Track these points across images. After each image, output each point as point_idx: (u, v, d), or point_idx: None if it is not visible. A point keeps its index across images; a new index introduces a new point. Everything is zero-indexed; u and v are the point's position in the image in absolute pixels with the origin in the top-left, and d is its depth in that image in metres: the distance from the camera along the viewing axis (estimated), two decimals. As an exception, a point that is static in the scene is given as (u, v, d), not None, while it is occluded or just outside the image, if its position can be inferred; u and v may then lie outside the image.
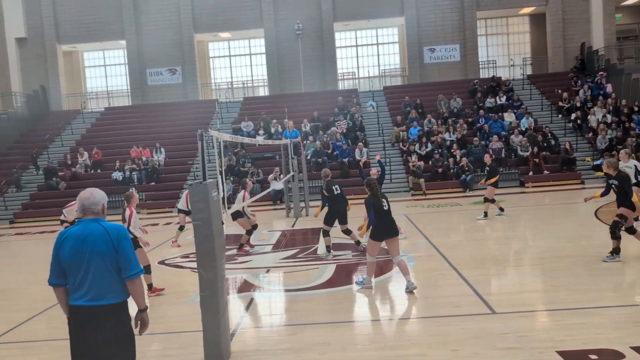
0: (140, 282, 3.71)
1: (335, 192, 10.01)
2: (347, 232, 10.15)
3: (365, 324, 6.51)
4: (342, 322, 6.52)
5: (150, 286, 8.11)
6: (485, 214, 13.33)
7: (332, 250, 10.03)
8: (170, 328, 6.66)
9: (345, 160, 21.19)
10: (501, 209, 13.69)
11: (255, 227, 11.50)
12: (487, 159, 13.97)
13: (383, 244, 7.59)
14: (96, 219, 3.70)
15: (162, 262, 10.75)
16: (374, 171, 11.33)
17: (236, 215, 11.10)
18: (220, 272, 5.40)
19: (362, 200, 7.99)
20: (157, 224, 17.20)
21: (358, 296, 7.68)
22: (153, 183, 21.90)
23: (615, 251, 8.20)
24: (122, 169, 22.11)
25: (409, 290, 7.33)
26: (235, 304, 7.46)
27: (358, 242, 10.15)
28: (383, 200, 7.53)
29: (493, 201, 13.44)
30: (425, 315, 6.59)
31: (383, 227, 7.44)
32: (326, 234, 9.99)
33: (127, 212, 8.11)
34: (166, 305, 7.70)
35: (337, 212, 9.98)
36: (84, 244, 3.58)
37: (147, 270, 7.93)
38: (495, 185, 13.49)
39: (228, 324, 5.58)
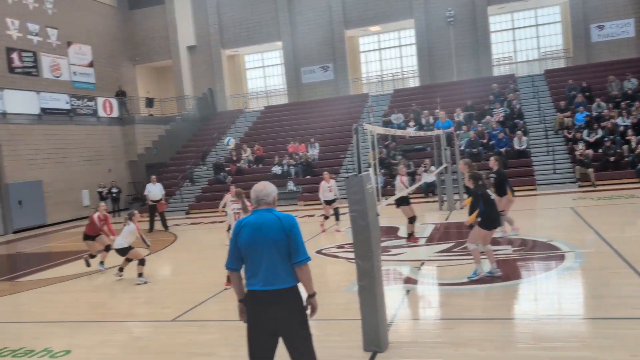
0: (307, 268, 3.93)
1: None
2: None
3: (528, 321, 6.15)
4: (503, 319, 6.25)
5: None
6: None
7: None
8: (330, 315, 6.92)
9: (503, 150, 20.18)
10: None
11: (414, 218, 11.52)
12: None
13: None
14: (269, 209, 4.00)
15: (319, 252, 11.21)
16: (492, 161, 11.03)
17: (401, 202, 11.27)
18: (376, 262, 5.49)
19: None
20: (312, 215, 17.93)
21: (519, 292, 7.31)
22: (308, 176, 22.84)
23: None
24: (281, 164, 23.39)
25: (492, 275, 7.77)
26: (390, 296, 7.51)
27: None
28: (488, 191, 7.93)
29: None
30: (596, 316, 6.06)
31: (494, 216, 7.78)
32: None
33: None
34: (325, 294, 8.00)
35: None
36: (259, 231, 3.87)
37: None
38: None
39: (385, 314, 5.66)
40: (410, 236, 11.42)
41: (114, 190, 25.11)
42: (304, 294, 3.98)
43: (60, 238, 18.61)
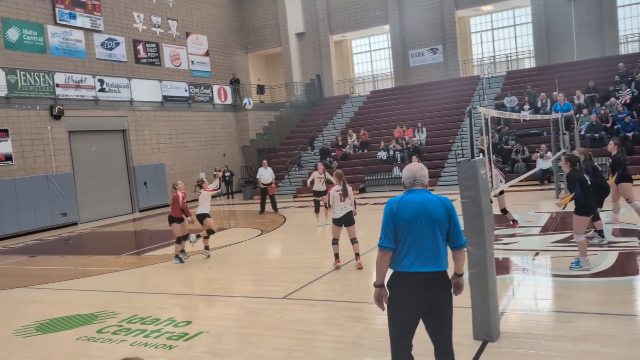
0: (465, 252, 3.97)
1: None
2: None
3: (657, 320, 5.70)
4: (626, 315, 5.82)
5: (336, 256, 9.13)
6: None
7: (605, 236, 9.06)
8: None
9: (630, 134, 18.59)
10: None
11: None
12: None
13: None
14: (426, 190, 3.91)
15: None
16: (611, 145, 10.35)
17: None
18: (489, 250, 5.32)
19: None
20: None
21: (647, 288, 6.77)
22: (415, 162, 22.53)
23: None
24: (387, 149, 23.26)
25: (580, 268, 7.43)
26: (503, 285, 7.25)
27: None
28: (586, 175, 7.60)
29: None
30: None
31: (590, 202, 7.48)
32: (595, 217, 9.00)
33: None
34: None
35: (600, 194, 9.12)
36: (424, 210, 3.76)
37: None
38: None
39: (497, 303, 5.49)
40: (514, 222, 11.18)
41: (227, 173, 26.40)
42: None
43: (179, 217, 19.97)
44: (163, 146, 24.91)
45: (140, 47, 25.80)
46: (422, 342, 4.16)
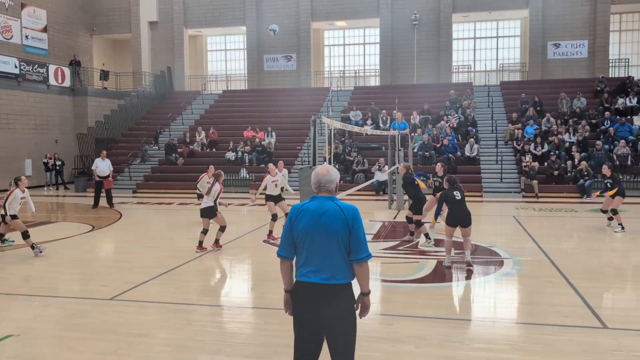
0: (367, 266, 3.67)
1: (416, 183, 10.94)
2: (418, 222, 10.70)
3: (464, 322, 6.35)
4: (439, 318, 6.40)
5: None
6: (622, 227, 12.11)
7: (431, 238, 10.47)
8: (271, 304, 6.91)
9: (452, 155, 20.66)
10: (610, 219, 12.62)
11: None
12: (605, 170, 12.67)
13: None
14: (331, 197, 3.66)
15: (265, 242, 11.19)
16: (439, 167, 12.31)
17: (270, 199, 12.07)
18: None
19: (470, 199, 8.01)
20: (263, 204, 17.82)
21: (458, 294, 7.53)
22: (263, 165, 22.69)
23: None
24: (235, 150, 23.15)
25: (466, 261, 8.59)
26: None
27: (427, 235, 10.58)
28: (456, 192, 8.60)
29: (616, 213, 12.33)
30: (528, 322, 6.31)
31: (456, 214, 8.63)
32: (419, 224, 10.54)
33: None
34: (268, 282, 8.00)
35: (423, 200, 10.83)
36: (320, 220, 3.55)
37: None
38: (622, 195, 12.33)
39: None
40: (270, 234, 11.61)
41: (58, 162, 24.23)
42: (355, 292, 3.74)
43: (-3, 207, 17.86)
44: (-17, 126, 22.14)
45: (-38, 11, 22.71)
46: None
